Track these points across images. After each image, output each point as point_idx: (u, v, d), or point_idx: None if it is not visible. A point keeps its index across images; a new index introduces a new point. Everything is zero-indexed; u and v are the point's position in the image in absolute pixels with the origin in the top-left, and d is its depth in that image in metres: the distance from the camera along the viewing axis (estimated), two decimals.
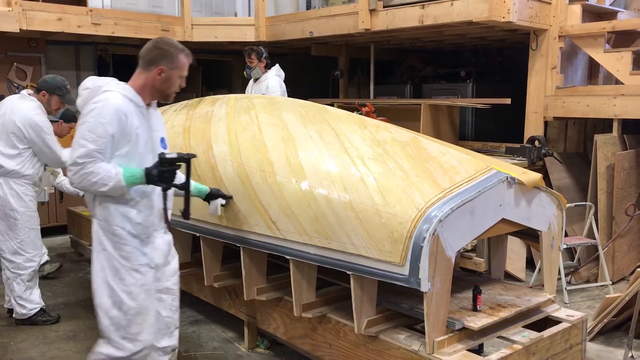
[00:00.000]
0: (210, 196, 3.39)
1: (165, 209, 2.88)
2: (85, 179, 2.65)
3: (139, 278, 2.82)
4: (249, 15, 8.24)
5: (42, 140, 4.24)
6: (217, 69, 9.97)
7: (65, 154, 4.23)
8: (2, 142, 4.24)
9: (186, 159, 2.80)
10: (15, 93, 7.26)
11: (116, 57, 8.60)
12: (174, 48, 2.83)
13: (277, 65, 6.21)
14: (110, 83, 2.82)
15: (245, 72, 6.23)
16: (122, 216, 2.79)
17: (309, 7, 8.31)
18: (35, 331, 4.31)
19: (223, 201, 3.42)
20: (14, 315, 4.44)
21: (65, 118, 5.91)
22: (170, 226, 2.98)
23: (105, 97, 2.70)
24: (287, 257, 3.17)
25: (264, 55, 6.10)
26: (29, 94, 4.32)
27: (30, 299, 4.38)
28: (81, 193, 5.73)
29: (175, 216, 3.72)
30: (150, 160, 2.79)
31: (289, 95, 5.94)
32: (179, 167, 2.78)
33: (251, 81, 6.28)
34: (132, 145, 2.75)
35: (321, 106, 3.81)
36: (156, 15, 7.54)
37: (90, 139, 2.63)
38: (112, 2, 7.39)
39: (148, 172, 2.71)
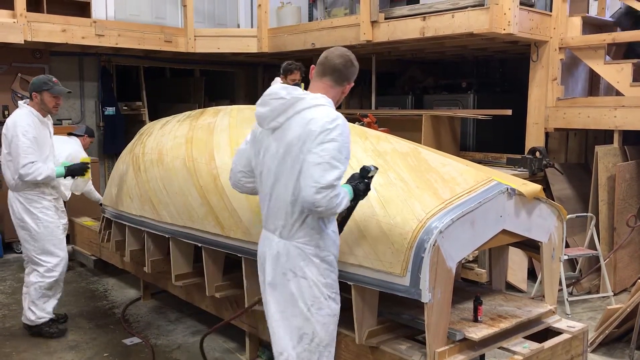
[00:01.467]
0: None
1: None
2: (331, 202, 2.42)
3: (334, 308, 2.64)
4: (252, 26, 8.29)
5: (14, 143, 4.08)
6: (220, 80, 10.03)
7: (28, 167, 4.05)
8: (3, 154, 4.26)
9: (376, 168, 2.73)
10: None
11: (119, 68, 8.67)
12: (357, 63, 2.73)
13: None
14: (314, 95, 2.59)
15: None
16: (331, 240, 2.64)
17: (311, 18, 8.37)
18: (38, 340, 4.32)
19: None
20: (22, 319, 4.43)
21: (89, 133, 6.12)
22: None
23: (336, 114, 2.51)
24: None
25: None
26: (25, 103, 4.27)
27: (42, 307, 4.35)
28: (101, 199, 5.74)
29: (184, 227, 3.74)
30: None
31: None
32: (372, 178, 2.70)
33: None
34: None
35: None
36: (159, 26, 7.60)
37: (340, 160, 2.45)
38: (116, 13, 7.46)
39: (355, 187, 2.60)
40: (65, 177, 4.38)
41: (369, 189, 2.65)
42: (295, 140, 2.51)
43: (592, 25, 6.22)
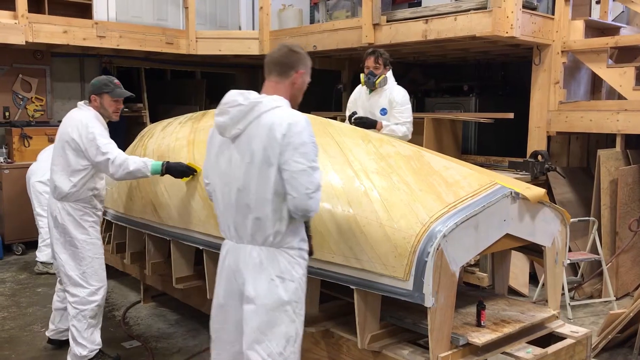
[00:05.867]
0: None
1: None
2: (318, 203, 2.50)
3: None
4: (253, 28, 8.29)
5: (91, 144, 3.70)
6: (221, 82, 10.02)
7: (117, 159, 3.68)
8: (59, 159, 3.81)
9: None
10: (20, 105, 7.38)
11: (120, 69, 8.66)
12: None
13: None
14: (270, 97, 2.57)
15: (364, 80, 4.97)
16: (304, 236, 2.66)
17: (312, 21, 8.36)
18: (37, 343, 4.30)
19: None
20: (68, 358, 3.88)
21: None
22: None
23: (296, 114, 2.52)
24: None
25: (389, 61, 4.94)
26: (85, 104, 3.88)
27: (91, 339, 3.85)
28: None
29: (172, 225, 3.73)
30: None
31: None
32: None
33: (358, 92, 5.22)
34: None
35: (324, 119, 3.82)
36: (161, 28, 7.60)
37: (316, 160, 2.50)
38: (117, 15, 7.45)
39: None
40: (162, 175, 3.82)
41: None
42: (259, 149, 2.48)
43: (595, 29, 6.20)
